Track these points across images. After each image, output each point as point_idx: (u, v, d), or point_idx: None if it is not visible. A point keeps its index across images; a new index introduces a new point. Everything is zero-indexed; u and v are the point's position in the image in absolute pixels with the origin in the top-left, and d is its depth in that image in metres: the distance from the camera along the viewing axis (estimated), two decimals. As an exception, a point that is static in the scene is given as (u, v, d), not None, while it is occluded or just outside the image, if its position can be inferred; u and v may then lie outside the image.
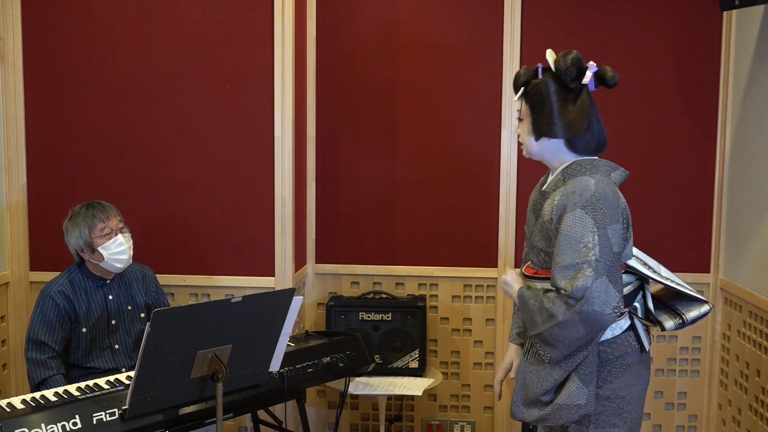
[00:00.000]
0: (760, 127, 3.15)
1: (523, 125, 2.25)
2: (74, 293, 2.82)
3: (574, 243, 2.05)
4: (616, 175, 2.20)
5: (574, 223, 2.06)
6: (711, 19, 3.44)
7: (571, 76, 2.15)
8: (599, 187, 2.09)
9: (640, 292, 2.26)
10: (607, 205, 2.07)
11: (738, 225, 3.36)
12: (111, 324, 2.88)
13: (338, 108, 3.63)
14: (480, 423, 3.73)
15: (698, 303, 2.28)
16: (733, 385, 3.37)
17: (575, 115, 2.17)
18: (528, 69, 2.23)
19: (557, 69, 2.16)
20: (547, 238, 2.17)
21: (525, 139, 2.26)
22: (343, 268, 3.70)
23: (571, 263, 2.05)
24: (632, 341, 2.19)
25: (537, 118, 2.20)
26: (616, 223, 2.07)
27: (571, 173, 2.18)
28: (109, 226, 2.80)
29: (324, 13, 3.59)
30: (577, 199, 2.08)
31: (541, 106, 2.19)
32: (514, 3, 3.49)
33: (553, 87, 2.17)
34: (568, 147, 2.21)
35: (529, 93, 2.21)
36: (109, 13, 3.30)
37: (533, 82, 2.20)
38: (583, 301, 2.01)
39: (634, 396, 2.20)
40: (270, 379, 2.62)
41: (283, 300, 2.39)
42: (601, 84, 2.19)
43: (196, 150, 3.33)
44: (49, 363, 2.74)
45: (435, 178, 3.63)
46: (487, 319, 3.67)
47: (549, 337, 2.08)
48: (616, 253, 2.06)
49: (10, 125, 3.30)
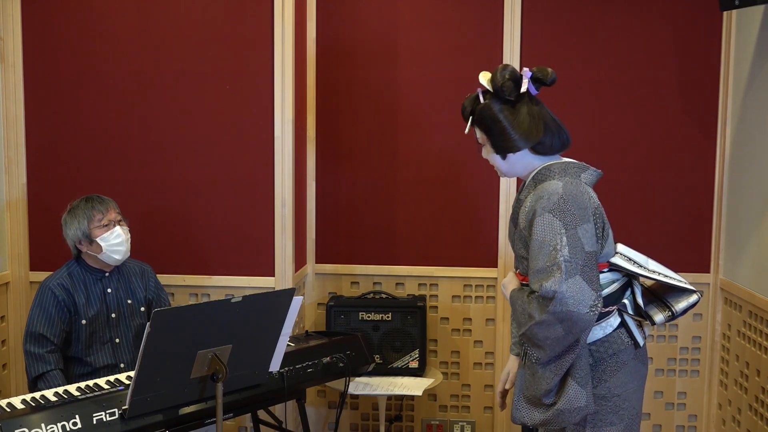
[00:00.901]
0: (760, 127, 3.15)
1: (486, 150, 2.29)
2: (73, 285, 2.84)
3: (545, 246, 2.08)
4: (586, 175, 2.22)
5: (543, 227, 2.09)
6: (711, 19, 3.44)
7: (509, 90, 2.18)
8: (567, 189, 2.11)
9: (628, 288, 2.26)
10: (576, 206, 2.09)
11: (738, 225, 3.36)
12: (111, 317, 2.89)
13: (338, 108, 3.63)
14: (480, 423, 3.73)
15: (686, 293, 2.29)
16: (733, 385, 3.37)
17: (528, 123, 2.20)
18: (469, 98, 2.28)
19: (494, 88, 2.20)
20: (525, 245, 2.19)
21: (493, 160, 2.29)
22: (343, 268, 3.70)
23: (543, 266, 2.08)
24: (624, 338, 2.20)
25: (494, 139, 2.23)
26: (587, 223, 2.10)
27: (541, 178, 2.20)
28: (108, 217, 2.84)
29: (324, 13, 3.59)
30: (546, 203, 2.11)
31: (492, 127, 2.22)
32: (514, 3, 3.49)
33: (497, 106, 2.21)
34: (533, 153, 2.23)
35: (477, 120, 2.25)
36: (109, 13, 3.30)
37: (477, 109, 2.24)
38: (555, 301, 2.03)
39: (630, 393, 2.20)
40: (270, 379, 2.62)
41: (283, 300, 2.39)
42: (541, 84, 2.21)
43: (196, 150, 3.33)
44: (48, 357, 2.74)
45: (435, 178, 3.63)
46: (487, 319, 3.67)
47: (532, 336, 2.11)
48: (588, 252, 2.08)
49: (10, 125, 3.30)
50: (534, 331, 2.09)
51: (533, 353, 2.14)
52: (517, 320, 2.19)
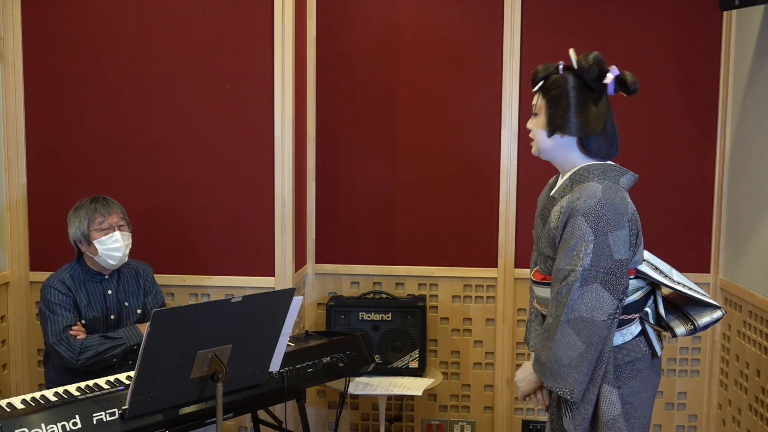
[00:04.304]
0: (760, 127, 3.15)
1: (536, 120, 2.23)
2: (75, 286, 2.85)
3: (569, 249, 2.06)
4: (625, 179, 2.19)
5: (573, 230, 2.07)
6: (711, 19, 3.44)
7: (593, 75, 2.13)
8: (606, 194, 2.07)
9: (651, 297, 2.24)
10: (612, 212, 2.06)
11: (738, 225, 3.36)
12: (110, 319, 2.89)
13: (338, 108, 3.63)
14: (480, 423, 3.73)
15: (710, 308, 2.26)
16: (733, 385, 3.37)
17: (592, 115, 2.15)
18: (547, 66, 2.22)
19: (579, 66, 2.15)
20: (553, 245, 2.16)
21: (537, 134, 2.23)
22: (343, 268, 3.70)
23: (562, 268, 2.07)
24: (643, 347, 2.18)
25: (553, 112, 2.17)
26: (621, 230, 2.06)
27: (579, 179, 2.16)
28: (109, 221, 2.84)
29: (324, 13, 3.59)
30: (581, 205, 2.07)
31: (558, 100, 2.16)
32: (514, 3, 3.49)
33: (573, 83, 2.16)
34: (579, 147, 2.19)
35: (548, 87, 2.19)
36: (109, 13, 3.30)
37: (553, 77, 2.19)
38: (567, 308, 2.03)
39: (642, 402, 2.18)
40: (270, 379, 2.62)
41: (283, 300, 2.39)
42: (622, 89, 2.17)
43: (196, 150, 3.33)
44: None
45: (435, 178, 3.63)
46: (487, 319, 3.67)
47: (554, 364, 2.08)
48: (617, 260, 2.05)
49: (10, 125, 3.30)
50: (557, 355, 2.06)
51: (562, 389, 2.08)
52: (541, 366, 2.14)
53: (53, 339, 2.75)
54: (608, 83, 2.14)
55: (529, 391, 2.26)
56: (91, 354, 2.73)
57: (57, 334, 2.75)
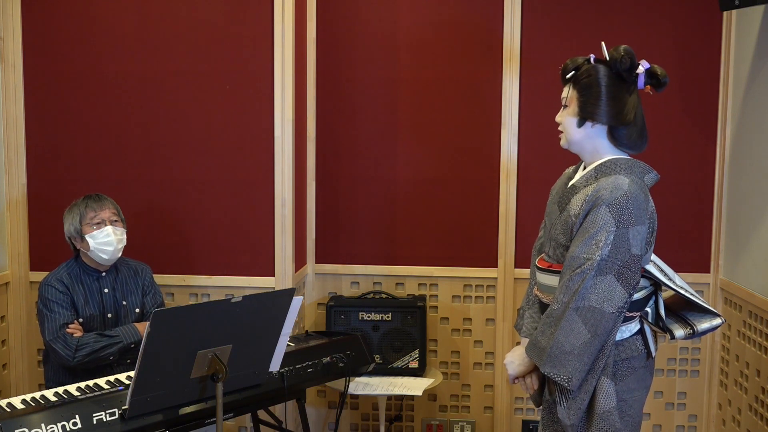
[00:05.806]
0: (760, 127, 3.15)
1: (567, 111, 2.24)
2: (72, 284, 2.86)
3: (588, 238, 2.07)
4: (649, 177, 2.20)
5: (595, 219, 2.07)
6: (711, 19, 3.44)
7: (626, 65, 2.15)
8: (632, 188, 2.09)
9: (652, 297, 2.25)
10: (635, 207, 2.07)
11: (738, 225, 3.36)
12: (107, 318, 2.90)
13: (338, 108, 3.63)
14: (480, 423, 3.73)
15: (710, 315, 2.28)
16: (733, 385, 3.37)
17: (623, 103, 2.17)
18: (576, 58, 2.23)
19: (611, 58, 2.16)
20: (568, 232, 2.17)
21: (566, 124, 2.23)
22: (343, 268, 3.70)
23: (578, 255, 2.07)
24: (639, 345, 2.19)
25: (585, 100, 2.18)
26: (641, 225, 2.07)
27: (605, 171, 2.17)
28: (101, 216, 2.85)
29: (324, 13, 3.59)
30: (607, 195, 2.08)
31: (590, 89, 2.18)
32: (514, 3, 3.49)
33: (605, 72, 2.18)
34: (609, 138, 2.20)
35: (579, 77, 2.20)
36: (109, 13, 3.30)
37: (584, 67, 2.20)
38: (578, 295, 2.03)
39: (635, 400, 2.19)
40: (270, 379, 2.62)
41: (283, 300, 2.39)
42: (651, 81, 2.18)
43: (196, 150, 3.33)
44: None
45: (435, 178, 3.63)
46: (487, 319, 3.67)
47: (556, 350, 2.08)
48: (634, 255, 2.07)
49: (10, 125, 3.30)
50: (560, 341, 2.07)
51: (561, 377, 2.08)
52: (539, 351, 2.14)
53: (50, 337, 2.75)
54: (640, 73, 2.16)
55: (517, 375, 2.27)
56: (87, 351, 2.73)
57: (54, 331, 2.75)
